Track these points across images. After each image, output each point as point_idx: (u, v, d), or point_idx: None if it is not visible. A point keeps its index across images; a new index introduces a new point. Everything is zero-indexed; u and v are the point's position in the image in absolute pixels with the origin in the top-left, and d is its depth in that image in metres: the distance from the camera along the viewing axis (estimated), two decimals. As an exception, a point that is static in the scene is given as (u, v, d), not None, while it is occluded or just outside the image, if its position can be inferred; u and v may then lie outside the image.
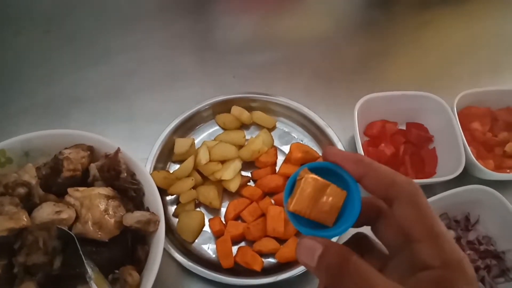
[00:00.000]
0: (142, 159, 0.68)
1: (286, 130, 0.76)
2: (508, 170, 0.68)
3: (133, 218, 0.56)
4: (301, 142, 0.74)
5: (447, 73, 0.86)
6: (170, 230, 0.64)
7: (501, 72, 0.87)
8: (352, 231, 0.33)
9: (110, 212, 0.56)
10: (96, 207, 0.55)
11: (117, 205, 0.57)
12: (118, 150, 0.59)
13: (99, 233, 0.54)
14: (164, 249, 0.60)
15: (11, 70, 0.84)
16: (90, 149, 0.63)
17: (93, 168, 0.60)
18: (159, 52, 0.88)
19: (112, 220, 0.55)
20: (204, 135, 0.75)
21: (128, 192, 0.60)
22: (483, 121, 0.72)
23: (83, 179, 0.61)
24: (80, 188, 0.57)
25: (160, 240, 0.56)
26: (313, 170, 0.32)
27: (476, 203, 0.64)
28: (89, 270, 0.50)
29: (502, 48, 0.91)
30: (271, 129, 0.75)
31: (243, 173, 0.71)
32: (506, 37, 0.94)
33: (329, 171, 0.32)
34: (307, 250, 0.30)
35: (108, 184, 0.59)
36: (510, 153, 0.70)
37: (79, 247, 0.51)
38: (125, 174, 0.60)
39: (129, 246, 0.57)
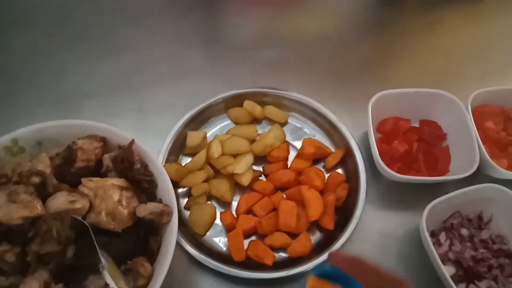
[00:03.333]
0: (155, 152, 0.68)
1: (298, 125, 0.76)
2: (521, 170, 0.68)
3: (147, 209, 0.55)
4: (313, 138, 0.74)
5: (457, 72, 0.85)
6: (181, 223, 0.64)
7: (510, 71, 0.86)
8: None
9: (124, 203, 0.55)
10: (110, 198, 0.55)
11: (131, 196, 0.57)
12: (132, 141, 0.59)
13: (112, 223, 0.54)
14: (176, 241, 0.60)
15: (24, 65, 0.84)
16: (103, 140, 0.63)
17: (107, 159, 0.60)
18: (169, 47, 0.87)
19: (126, 211, 0.55)
20: (216, 129, 0.75)
21: (141, 184, 0.60)
22: (497, 120, 0.72)
23: (96, 170, 0.60)
24: (94, 179, 0.57)
25: (173, 232, 0.56)
26: (322, 275, 0.40)
27: (489, 202, 0.64)
28: (103, 260, 0.50)
29: (508, 47, 0.91)
30: (283, 124, 0.75)
31: (255, 167, 0.70)
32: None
33: (336, 272, 0.40)
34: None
35: (121, 175, 0.59)
36: (523, 153, 0.70)
37: (93, 237, 0.50)
38: (139, 166, 0.59)
39: (142, 238, 0.57)
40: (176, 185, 0.67)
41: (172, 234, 0.55)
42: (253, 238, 0.65)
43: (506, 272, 0.60)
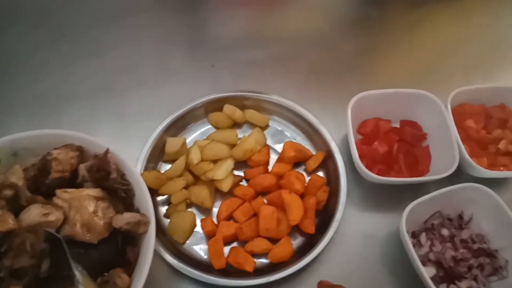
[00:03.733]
0: (134, 158, 0.67)
1: (279, 128, 0.75)
2: (501, 168, 0.68)
3: (123, 219, 0.55)
4: (294, 141, 0.73)
5: (441, 70, 0.85)
6: (161, 231, 0.64)
7: (495, 69, 0.86)
8: None
9: (99, 214, 0.55)
10: (85, 209, 0.54)
11: (107, 206, 0.56)
12: (107, 151, 0.59)
13: (88, 235, 0.53)
14: (155, 250, 0.60)
15: (3, 65, 0.83)
16: (80, 149, 0.62)
17: (82, 169, 0.59)
18: (151, 48, 0.87)
19: (101, 222, 0.54)
20: (196, 134, 0.74)
21: (118, 193, 0.59)
22: (477, 119, 0.72)
23: (72, 180, 0.60)
24: (69, 190, 0.56)
25: (150, 242, 0.55)
26: None
27: (470, 201, 0.64)
28: (77, 274, 0.49)
29: (496, 45, 0.91)
30: (264, 127, 0.75)
31: (236, 172, 0.70)
32: (500, 34, 0.93)
33: None
34: None
35: (97, 184, 0.59)
36: (504, 151, 0.70)
37: (67, 250, 0.50)
38: (115, 175, 0.59)
39: (120, 248, 0.56)
40: (155, 192, 0.66)
41: (149, 244, 0.55)
42: (235, 244, 0.64)
43: (486, 271, 0.60)
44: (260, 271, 0.61)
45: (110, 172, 0.59)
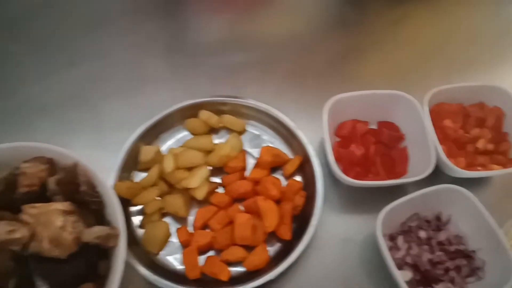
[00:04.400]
0: (108, 169, 0.66)
1: (257, 133, 0.74)
2: (479, 168, 0.67)
3: (92, 233, 0.54)
4: (272, 145, 0.72)
5: (421, 70, 0.84)
6: (135, 242, 0.63)
7: (475, 68, 0.85)
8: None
9: (68, 228, 0.54)
10: (53, 224, 0.53)
11: (76, 220, 0.55)
12: (75, 164, 0.58)
13: (56, 250, 0.52)
14: (128, 262, 0.59)
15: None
16: (50, 161, 0.61)
17: (52, 182, 0.58)
18: (127, 56, 0.85)
19: (71, 237, 0.53)
20: (173, 141, 0.73)
21: (89, 206, 0.58)
22: (455, 118, 0.71)
23: (43, 194, 0.59)
24: (37, 204, 0.55)
25: (121, 255, 0.54)
26: None
27: (447, 203, 0.63)
28: (43, 292, 0.48)
29: (476, 43, 0.89)
30: (241, 132, 0.74)
31: (214, 179, 0.69)
32: (479, 32, 0.92)
33: None
34: None
35: (67, 198, 0.57)
36: (482, 150, 0.69)
37: (31, 269, 0.49)
38: (85, 187, 0.58)
39: (92, 262, 0.56)
40: (130, 203, 0.65)
41: (120, 258, 0.54)
42: (212, 253, 0.64)
43: (464, 272, 0.60)
44: (236, 280, 0.60)
45: (79, 185, 0.58)
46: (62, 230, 0.53)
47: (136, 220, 0.66)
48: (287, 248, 0.63)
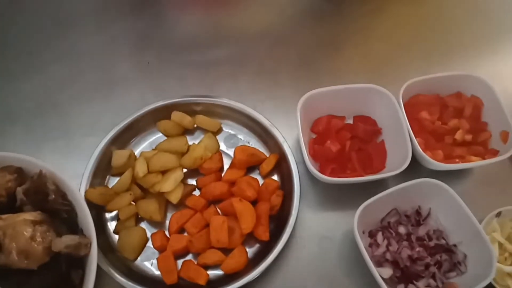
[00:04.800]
0: (79, 175, 0.65)
1: (232, 132, 0.73)
2: (457, 160, 0.66)
3: (62, 243, 0.53)
4: (248, 145, 0.71)
5: (397, 62, 0.83)
6: (110, 249, 0.62)
7: (454, 58, 0.84)
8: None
9: (38, 239, 0.53)
10: (21, 235, 0.52)
11: (46, 230, 0.54)
12: (40, 172, 0.56)
13: (26, 261, 0.51)
14: (104, 270, 0.58)
15: None
16: (18, 171, 0.59)
17: (19, 192, 0.56)
18: (95, 58, 0.83)
19: (40, 247, 0.52)
20: (146, 144, 0.72)
21: (60, 214, 0.57)
22: (432, 110, 0.70)
23: (11, 204, 0.57)
24: (4, 216, 0.54)
25: (92, 264, 0.53)
26: None
27: (426, 196, 0.63)
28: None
29: (454, 33, 0.88)
30: (217, 132, 0.72)
31: (190, 181, 0.68)
32: (454, 21, 0.90)
33: None
34: None
35: (37, 207, 0.56)
36: (460, 141, 0.68)
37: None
38: (53, 196, 0.56)
39: (63, 272, 0.54)
40: (104, 209, 0.64)
41: (92, 266, 0.53)
42: (190, 257, 0.63)
43: (444, 267, 0.59)
44: (215, 284, 0.59)
45: (48, 194, 0.56)
46: (31, 240, 0.52)
47: (112, 226, 0.64)
48: (266, 248, 0.62)
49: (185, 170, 0.67)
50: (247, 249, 0.62)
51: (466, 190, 0.70)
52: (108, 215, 0.65)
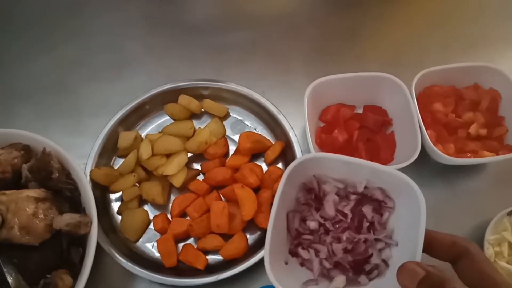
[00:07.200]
0: (86, 155, 0.66)
1: (240, 118, 0.72)
2: (469, 154, 0.64)
3: (62, 221, 0.53)
4: (255, 131, 0.70)
5: (414, 52, 0.80)
6: (113, 229, 0.62)
7: (474, 50, 0.80)
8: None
9: (40, 216, 0.53)
10: (23, 211, 0.53)
11: (48, 207, 0.54)
12: (44, 150, 0.57)
13: (27, 237, 0.52)
14: (105, 250, 0.58)
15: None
16: (25, 148, 0.60)
17: (25, 169, 0.57)
18: (106, 39, 0.83)
19: (42, 224, 0.53)
20: (153, 126, 0.72)
21: (63, 193, 0.58)
22: (446, 101, 0.67)
23: (17, 181, 0.58)
24: (7, 192, 0.55)
25: (92, 242, 0.54)
26: None
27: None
28: (10, 280, 0.48)
29: (472, 22, 0.84)
30: (224, 117, 0.72)
31: (195, 165, 0.68)
32: (476, 10, 0.86)
33: None
34: (409, 273, 0.33)
35: (41, 185, 0.57)
36: (474, 135, 0.66)
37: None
38: (57, 174, 0.57)
39: (64, 249, 0.55)
40: (108, 189, 0.64)
41: (91, 245, 0.54)
42: (191, 241, 0.63)
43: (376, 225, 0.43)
44: (213, 269, 0.59)
45: (51, 172, 0.57)
46: (33, 217, 0.53)
47: (116, 207, 0.65)
48: (265, 236, 0.61)
49: (191, 154, 0.67)
50: (248, 236, 0.62)
51: (477, 187, 0.68)
52: (112, 196, 0.66)
